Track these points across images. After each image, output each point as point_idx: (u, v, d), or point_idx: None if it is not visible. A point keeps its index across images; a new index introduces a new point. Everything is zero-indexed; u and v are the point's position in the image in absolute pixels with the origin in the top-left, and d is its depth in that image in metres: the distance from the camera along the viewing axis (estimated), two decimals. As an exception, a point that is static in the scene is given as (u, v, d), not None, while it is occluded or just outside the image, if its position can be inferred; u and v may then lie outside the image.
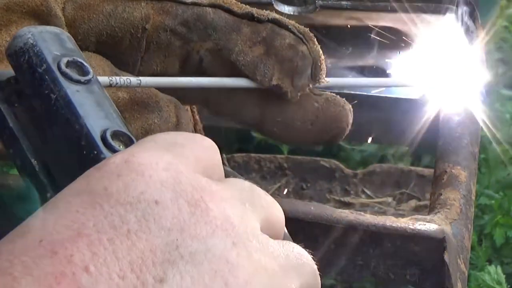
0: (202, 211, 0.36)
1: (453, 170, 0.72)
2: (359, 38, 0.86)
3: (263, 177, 1.29)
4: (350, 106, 0.70)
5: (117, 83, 0.59)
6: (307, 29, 0.68)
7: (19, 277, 0.32)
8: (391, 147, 1.65)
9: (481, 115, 0.82)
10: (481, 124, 0.82)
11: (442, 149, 0.77)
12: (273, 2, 0.82)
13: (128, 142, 0.42)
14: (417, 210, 1.25)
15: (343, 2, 0.80)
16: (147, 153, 0.37)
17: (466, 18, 0.77)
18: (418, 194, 1.28)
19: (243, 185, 0.40)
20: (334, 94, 0.70)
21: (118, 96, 0.63)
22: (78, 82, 0.42)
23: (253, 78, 0.67)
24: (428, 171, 1.30)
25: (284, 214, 0.63)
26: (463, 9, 0.78)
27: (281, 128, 0.69)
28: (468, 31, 0.78)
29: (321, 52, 0.68)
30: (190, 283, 0.34)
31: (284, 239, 0.48)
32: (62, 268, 0.33)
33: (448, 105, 0.82)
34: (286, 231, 0.50)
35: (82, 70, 0.43)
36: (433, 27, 0.79)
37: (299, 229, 0.66)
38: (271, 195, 1.34)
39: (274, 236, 0.40)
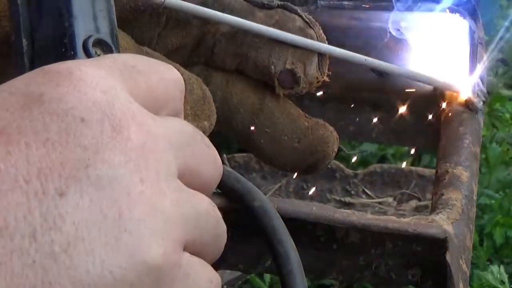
0: (122, 139, 0.36)
1: (454, 170, 0.72)
2: (360, 38, 0.86)
3: (264, 177, 1.29)
4: (337, 135, 0.70)
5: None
6: (311, 17, 0.69)
7: None
8: (391, 147, 1.65)
9: (482, 115, 0.82)
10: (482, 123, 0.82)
11: (443, 149, 0.76)
12: (274, 2, 0.82)
13: (109, 53, 0.43)
14: (418, 210, 1.25)
15: (345, 2, 0.80)
16: (94, 71, 0.37)
17: (467, 18, 0.77)
18: (419, 194, 1.28)
19: (184, 128, 0.40)
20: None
21: None
22: None
23: (268, 62, 0.68)
24: (429, 171, 1.30)
25: (286, 214, 0.63)
26: (464, 9, 0.78)
27: (268, 140, 0.69)
28: (469, 31, 0.78)
29: (325, 39, 0.68)
30: (87, 204, 0.34)
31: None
32: None
33: (449, 104, 0.82)
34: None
35: None
36: (434, 27, 0.79)
37: (301, 229, 0.66)
38: (272, 195, 1.33)
39: (196, 188, 0.40)
